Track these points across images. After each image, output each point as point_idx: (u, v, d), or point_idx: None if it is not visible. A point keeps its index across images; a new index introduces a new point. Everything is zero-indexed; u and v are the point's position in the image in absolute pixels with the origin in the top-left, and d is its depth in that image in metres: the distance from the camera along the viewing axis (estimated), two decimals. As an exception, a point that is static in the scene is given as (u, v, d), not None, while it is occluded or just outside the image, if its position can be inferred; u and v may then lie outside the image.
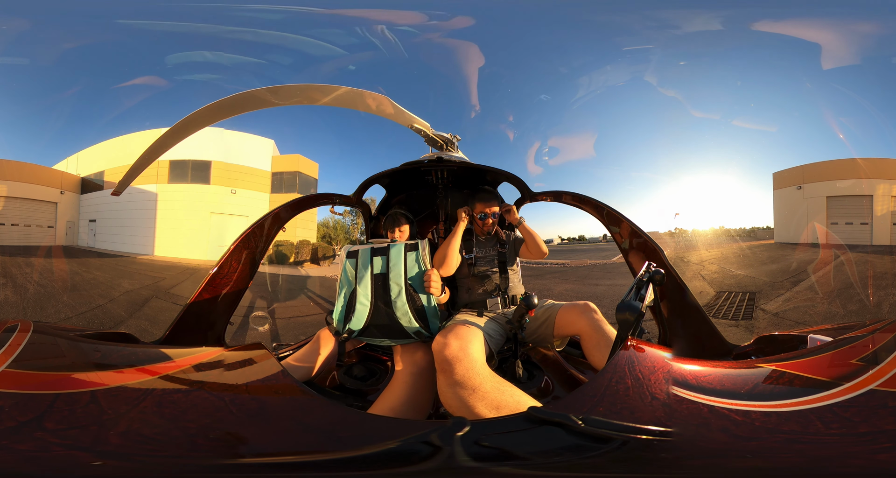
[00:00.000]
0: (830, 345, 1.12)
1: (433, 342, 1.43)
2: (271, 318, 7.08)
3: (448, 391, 1.23)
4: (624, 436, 0.72)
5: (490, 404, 1.13)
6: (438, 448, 0.70)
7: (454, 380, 1.23)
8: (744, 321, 6.54)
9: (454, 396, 1.20)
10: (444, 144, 2.33)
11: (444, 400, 1.25)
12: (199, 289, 1.87)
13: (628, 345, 1.06)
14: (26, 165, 13.19)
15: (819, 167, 13.92)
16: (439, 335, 1.46)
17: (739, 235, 15.64)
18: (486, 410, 1.11)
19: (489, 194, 2.18)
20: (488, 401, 1.14)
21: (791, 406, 0.82)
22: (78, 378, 0.97)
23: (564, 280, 11.34)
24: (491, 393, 1.16)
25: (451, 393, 1.21)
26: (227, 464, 0.75)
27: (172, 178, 13.81)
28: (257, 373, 1.10)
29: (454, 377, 1.23)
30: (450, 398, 1.21)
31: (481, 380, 1.21)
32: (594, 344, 1.65)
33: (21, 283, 9.01)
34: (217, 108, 1.82)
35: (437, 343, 1.40)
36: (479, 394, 1.16)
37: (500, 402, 1.13)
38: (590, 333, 1.68)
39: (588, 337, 1.69)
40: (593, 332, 1.67)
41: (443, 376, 1.28)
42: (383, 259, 1.73)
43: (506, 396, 1.15)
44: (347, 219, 15.94)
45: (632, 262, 2.17)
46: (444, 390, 1.25)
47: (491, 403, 1.13)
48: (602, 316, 1.75)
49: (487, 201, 2.14)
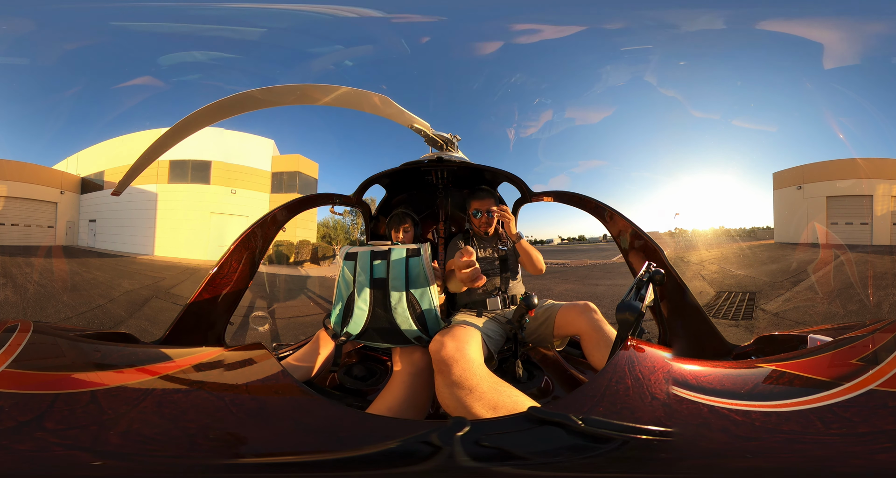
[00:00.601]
0: (830, 345, 1.12)
1: (432, 343, 1.44)
2: (271, 318, 7.09)
3: (445, 392, 1.23)
4: (624, 436, 0.72)
5: (487, 405, 1.13)
6: (438, 448, 0.70)
7: (451, 380, 1.23)
8: (744, 321, 6.54)
9: (451, 396, 1.20)
10: (444, 144, 2.33)
11: (441, 400, 1.25)
12: (199, 289, 1.87)
13: (628, 345, 1.06)
14: (26, 165, 13.20)
15: (819, 167, 13.93)
16: (437, 336, 1.46)
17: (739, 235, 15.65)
18: (483, 410, 1.11)
19: (484, 192, 2.17)
20: (485, 401, 1.14)
21: (791, 406, 0.82)
22: (78, 378, 0.97)
23: (564, 280, 11.35)
24: (488, 393, 1.16)
25: (449, 393, 1.21)
26: (227, 464, 0.75)
27: (172, 178, 13.81)
28: (257, 373, 1.09)
29: (451, 378, 1.24)
30: (447, 399, 1.21)
31: (478, 380, 1.21)
32: (594, 344, 1.65)
33: (21, 283, 9.01)
34: (217, 108, 1.82)
35: (434, 344, 1.41)
36: (476, 394, 1.16)
37: (497, 402, 1.13)
38: (589, 333, 1.68)
39: (588, 337, 1.69)
40: (593, 332, 1.67)
41: (440, 376, 1.28)
42: (383, 263, 1.67)
43: (503, 396, 1.15)
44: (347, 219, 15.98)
45: (632, 262, 2.17)
46: (441, 391, 1.25)
47: (488, 403, 1.13)
48: (602, 316, 1.74)
49: (482, 199, 2.14)
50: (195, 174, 13.94)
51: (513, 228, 2.02)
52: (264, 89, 1.85)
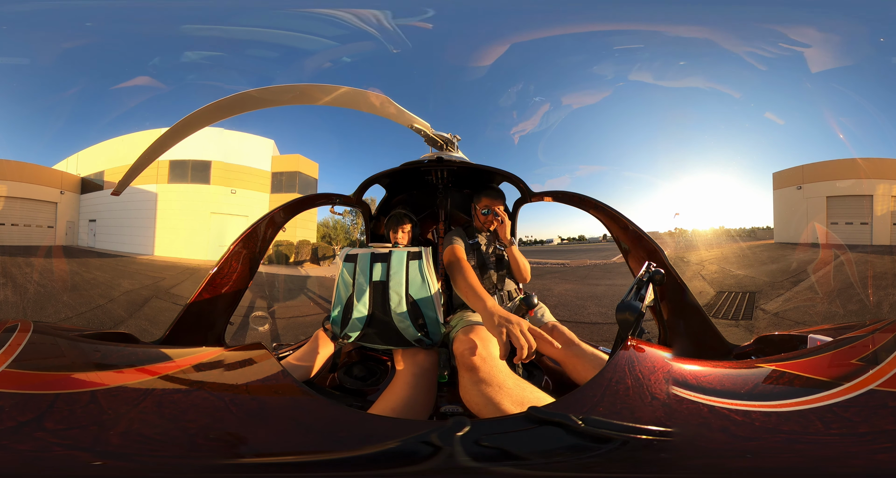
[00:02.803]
0: (830, 345, 1.12)
1: (455, 342, 1.46)
2: (271, 318, 7.08)
3: (473, 390, 1.22)
4: (624, 436, 0.72)
5: (516, 401, 1.13)
6: (438, 448, 0.70)
7: (479, 378, 1.23)
8: (744, 321, 6.55)
9: (480, 394, 1.19)
10: (444, 144, 2.33)
11: (467, 398, 1.23)
12: (199, 289, 1.87)
13: (628, 345, 1.06)
14: (26, 165, 13.19)
15: (819, 167, 13.92)
16: (461, 335, 1.49)
17: (739, 235, 15.64)
18: (512, 406, 1.11)
19: (497, 192, 2.19)
20: (514, 398, 1.14)
21: (791, 406, 0.82)
22: (78, 378, 0.97)
23: (564, 280, 11.35)
24: (514, 390, 1.17)
25: (477, 391, 1.20)
26: (227, 464, 0.75)
27: (172, 178, 13.81)
28: (257, 373, 1.09)
29: (479, 375, 1.24)
30: (475, 397, 1.20)
31: (504, 377, 1.22)
32: (571, 368, 1.63)
33: (21, 283, 9.02)
34: (217, 108, 1.82)
35: (460, 343, 1.43)
36: (505, 391, 1.16)
37: (523, 398, 1.13)
38: (564, 361, 1.67)
39: (564, 364, 1.68)
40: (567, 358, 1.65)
41: (467, 374, 1.28)
42: (383, 266, 1.65)
43: (527, 392, 1.16)
44: (347, 219, 15.98)
45: (632, 262, 2.17)
46: (468, 389, 1.24)
47: (516, 399, 1.13)
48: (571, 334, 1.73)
49: (493, 198, 2.14)
50: (195, 174, 13.93)
51: (507, 233, 2.03)
52: (263, 89, 1.85)
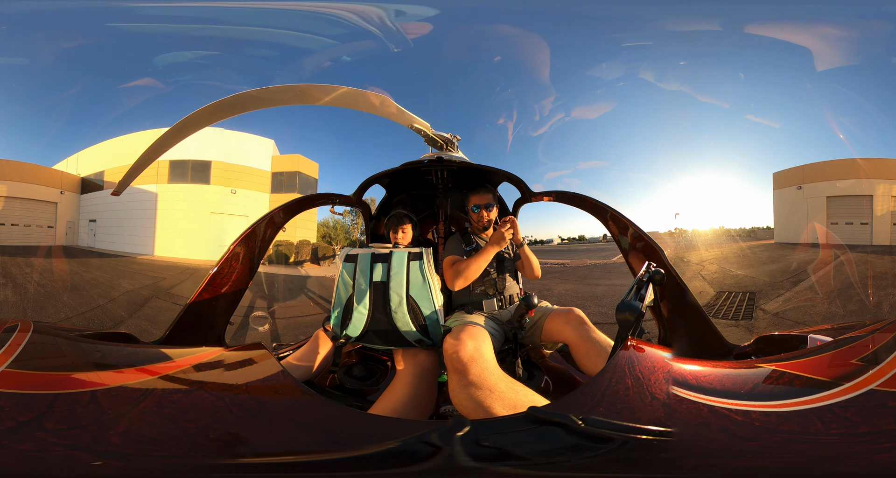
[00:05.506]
0: (830, 345, 1.12)
1: (444, 343, 1.41)
2: (271, 318, 7.08)
3: (462, 392, 1.19)
4: (624, 436, 0.72)
5: (507, 404, 1.11)
6: (438, 448, 0.70)
7: (469, 380, 1.20)
8: (744, 321, 6.54)
9: (469, 397, 1.16)
10: (444, 144, 2.33)
11: (457, 401, 1.21)
12: (199, 289, 1.87)
13: (628, 345, 1.06)
14: (26, 165, 13.19)
15: (819, 167, 13.92)
16: (450, 336, 1.43)
17: (739, 235, 15.64)
18: (503, 410, 1.09)
19: (482, 188, 2.18)
20: (505, 401, 1.12)
21: (791, 406, 0.82)
22: (78, 378, 0.97)
23: (564, 280, 11.34)
24: (506, 393, 1.14)
25: (466, 394, 1.18)
26: (227, 464, 0.75)
27: (172, 178, 13.81)
28: (257, 373, 1.09)
29: (469, 378, 1.21)
30: (464, 400, 1.18)
31: (496, 380, 1.19)
32: (583, 353, 1.60)
33: (21, 283, 9.01)
34: (217, 108, 1.82)
35: (449, 344, 1.38)
36: (495, 394, 1.14)
37: (515, 401, 1.11)
38: (577, 343, 1.63)
39: (576, 347, 1.64)
40: (581, 342, 1.62)
41: (457, 376, 1.24)
42: (384, 267, 1.64)
43: (520, 395, 1.14)
44: (347, 219, 15.97)
45: (632, 262, 2.17)
46: (457, 391, 1.21)
47: (507, 402, 1.11)
48: (589, 322, 1.69)
49: (480, 194, 2.15)
50: (195, 174, 13.93)
51: (518, 235, 2.01)
52: (263, 89, 1.85)
